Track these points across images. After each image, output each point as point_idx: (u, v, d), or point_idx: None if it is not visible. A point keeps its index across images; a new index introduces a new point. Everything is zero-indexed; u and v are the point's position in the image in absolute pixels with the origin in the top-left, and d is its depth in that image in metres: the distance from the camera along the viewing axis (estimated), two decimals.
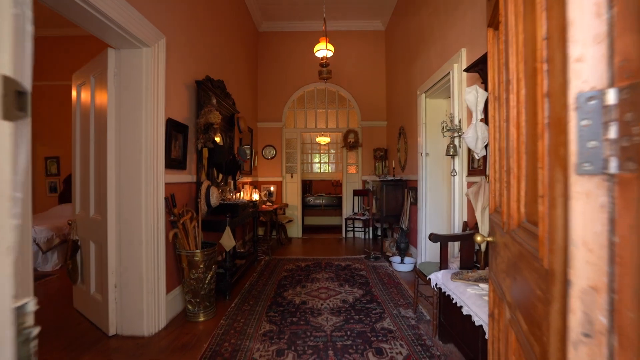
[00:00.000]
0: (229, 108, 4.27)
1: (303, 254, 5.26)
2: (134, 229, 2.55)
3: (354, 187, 6.72)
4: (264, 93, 6.75)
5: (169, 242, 2.81)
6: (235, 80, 5.08)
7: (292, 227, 6.64)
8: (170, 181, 2.86)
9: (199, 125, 3.12)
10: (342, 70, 6.68)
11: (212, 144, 3.35)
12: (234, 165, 4.30)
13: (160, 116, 2.66)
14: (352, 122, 6.85)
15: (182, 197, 3.13)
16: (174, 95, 2.98)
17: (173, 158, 2.90)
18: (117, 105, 2.55)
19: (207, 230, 3.31)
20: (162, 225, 2.68)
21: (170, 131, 2.83)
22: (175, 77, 3.01)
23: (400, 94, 5.44)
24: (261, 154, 6.69)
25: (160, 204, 2.66)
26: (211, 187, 3.25)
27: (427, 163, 4.01)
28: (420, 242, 4.09)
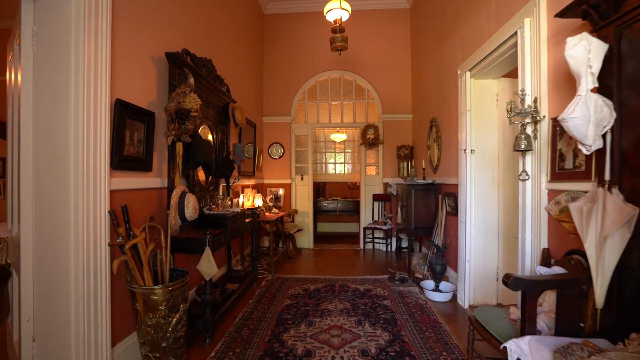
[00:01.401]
0: (220, 95, 3.47)
1: (313, 271, 4.39)
2: (58, 257, 1.76)
3: (374, 191, 5.81)
4: (271, 83, 5.94)
5: (119, 274, 2.01)
6: (233, 64, 4.28)
7: (303, 236, 5.80)
8: (122, 187, 2.07)
9: (168, 111, 2.32)
10: (360, 55, 5.79)
11: (189, 137, 2.55)
12: (227, 165, 3.49)
13: (103, 96, 1.86)
14: (371, 115, 5.95)
15: (144, 208, 2.34)
16: (131, 70, 2.19)
17: (127, 156, 2.11)
18: (35, 80, 1.78)
19: (183, 251, 2.51)
20: (105, 250, 1.89)
21: (122, 119, 2.03)
22: (134, 45, 2.22)
23: (432, 78, 4.49)
24: (267, 152, 5.88)
25: (101, 219, 1.87)
26: (187, 195, 2.45)
27: (472, 162, 3.07)
28: (462, 264, 3.15)
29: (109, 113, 1.91)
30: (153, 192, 2.43)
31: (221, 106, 3.57)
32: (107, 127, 1.89)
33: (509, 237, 3.02)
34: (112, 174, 1.98)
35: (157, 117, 2.44)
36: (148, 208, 2.37)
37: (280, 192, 5.81)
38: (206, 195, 3.21)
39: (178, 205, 2.41)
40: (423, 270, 3.92)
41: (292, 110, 5.90)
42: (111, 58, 1.94)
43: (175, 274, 2.33)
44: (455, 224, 3.54)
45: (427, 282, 3.53)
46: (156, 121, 2.43)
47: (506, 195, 3.04)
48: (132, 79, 2.20)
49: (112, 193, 1.97)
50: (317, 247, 5.90)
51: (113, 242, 1.77)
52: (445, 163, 3.95)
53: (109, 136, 1.91)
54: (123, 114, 2.03)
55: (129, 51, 2.16)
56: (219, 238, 2.64)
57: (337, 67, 5.86)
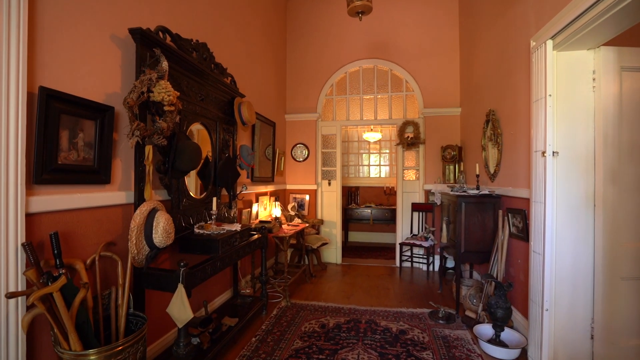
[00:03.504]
0: (221, 87, 2.89)
1: (337, 296, 3.68)
2: None
3: (413, 199, 4.94)
4: (295, 77, 5.31)
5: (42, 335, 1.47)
6: (244, 54, 3.70)
7: (330, 249, 5.10)
8: (56, 207, 1.53)
9: (128, 104, 1.75)
10: (397, 41, 4.95)
11: (164, 139, 1.98)
12: (229, 171, 2.90)
13: (11, 82, 1.32)
14: (410, 110, 5.08)
15: (100, 232, 1.79)
16: (78, 52, 1.64)
17: (65, 165, 1.57)
18: None
19: (153, 287, 1.94)
20: (14, 305, 1.35)
21: (53, 115, 1.49)
22: (81, 15, 1.67)
23: (488, 60, 3.56)
24: (290, 154, 5.27)
25: (9, 256, 1.32)
26: (157, 214, 1.87)
27: (554, 169, 2.15)
28: (536, 311, 2.25)
29: (25, 107, 1.37)
30: (114, 211, 1.88)
31: (224, 101, 3.00)
32: (20, 127, 1.35)
33: (613, 279, 2.07)
34: (35, 190, 1.44)
35: (121, 112, 1.89)
36: (106, 232, 1.83)
37: (306, 198, 5.17)
38: (201, 208, 2.65)
39: (144, 227, 1.84)
40: (476, 306, 3.03)
41: (318, 107, 5.23)
42: (29, 31, 1.40)
43: (136, 321, 1.76)
44: (523, 251, 2.62)
45: (482, 327, 2.65)
46: (119, 118, 1.88)
47: (609, 218, 2.09)
48: (80, 64, 1.66)
49: (35, 217, 1.43)
50: (346, 263, 5.16)
51: (14, 293, 1.22)
52: (507, 169, 3.02)
53: (24, 140, 1.36)
54: (54, 108, 1.49)
55: (73, 26, 1.62)
56: (202, 269, 2.03)
57: (370, 56, 5.07)
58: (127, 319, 1.75)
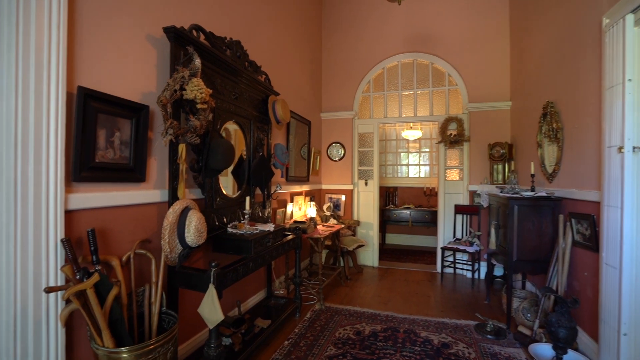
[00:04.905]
0: (255, 86, 2.86)
1: (373, 302, 3.51)
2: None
3: (456, 201, 4.61)
4: (331, 74, 5.21)
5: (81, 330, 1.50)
6: (279, 52, 3.66)
7: (366, 251, 4.93)
8: (93, 205, 1.55)
9: (162, 103, 1.75)
10: (439, 32, 4.65)
11: (197, 137, 1.96)
12: (263, 170, 2.87)
13: (52, 82, 1.35)
14: (453, 106, 4.75)
15: (136, 230, 1.81)
16: (116, 53, 1.67)
17: (103, 163, 1.59)
18: None
19: (185, 286, 1.93)
20: (54, 300, 1.38)
21: (91, 114, 1.51)
22: (119, 16, 1.70)
23: (546, 46, 3.19)
24: (326, 153, 5.17)
25: (49, 252, 1.35)
26: (190, 212, 1.86)
27: (635, 168, 1.83)
28: (608, 333, 1.93)
29: (65, 106, 1.40)
30: (149, 209, 1.90)
31: (258, 99, 2.97)
32: (60, 126, 1.38)
33: None
34: (74, 188, 1.47)
35: (156, 111, 1.90)
36: (141, 229, 1.84)
37: (342, 198, 5.05)
38: (235, 208, 2.63)
39: (177, 225, 1.84)
40: (531, 321, 2.71)
41: (354, 104, 5.08)
42: (70, 31, 1.43)
43: (169, 319, 1.76)
44: (591, 263, 2.28)
45: (540, 346, 2.35)
46: (154, 117, 1.89)
47: None
48: (117, 64, 1.68)
49: (73, 214, 1.46)
50: (383, 266, 4.95)
51: (52, 288, 1.24)
52: (570, 167, 2.66)
53: (63, 138, 1.39)
54: (92, 107, 1.51)
55: (110, 27, 1.65)
56: (234, 270, 1.99)
57: (409, 49, 4.82)
58: (160, 317, 1.75)
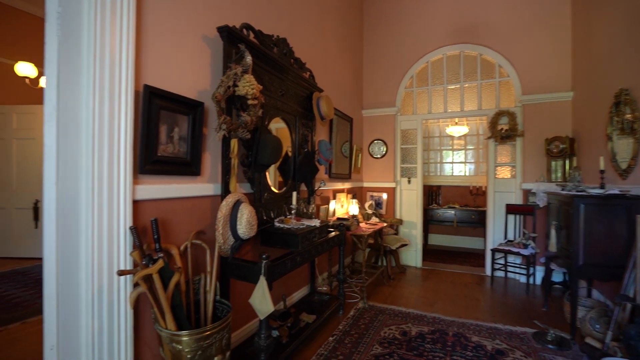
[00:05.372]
0: (300, 82, 2.90)
1: (418, 303, 3.39)
2: (69, 283, 1.43)
3: (507, 200, 4.32)
4: (372, 70, 5.13)
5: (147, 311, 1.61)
6: (321, 48, 3.68)
7: (409, 250, 4.79)
8: (156, 196, 1.66)
9: (216, 99, 1.82)
10: (488, 20, 4.39)
11: (248, 132, 2.02)
12: (308, 166, 2.89)
13: (123, 81, 1.46)
14: (504, 99, 4.46)
15: (191, 221, 1.90)
16: (174, 53, 1.77)
17: (164, 157, 1.69)
18: (59, 70, 1.49)
19: (236, 277, 1.99)
20: (123, 278, 1.49)
21: (154, 110, 1.62)
22: (180, 22, 1.80)
23: (618, 27, 2.87)
24: (367, 151, 5.10)
25: (119, 238, 1.47)
26: (241, 205, 1.92)
27: None
28: None
29: (133, 104, 1.50)
30: (203, 201, 1.99)
31: (303, 96, 3.00)
32: (128, 122, 1.49)
33: None
34: (139, 180, 1.58)
35: (210, 108, 1.99)
36: (196, 221, 1.94)
37: (383, 197, 4.95)
38: (281, 203, 2.68)
39: (230, 218, 1.90)
40: (600, 333, 2.45)
41: (397, 100, 4.96)
42: (137, 34, 1.54)
43: (222, 308, 1.83)
44: None
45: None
46: (208, 113, 1.98)
47: None
48: (175, 63, 1.78)
49: (139, 204, 1.57)
50: (427, 267, 4.78)
51: (123, 271, 1.34)
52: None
53: (131, 133, 1.50)
54: (155, 104, 1.62)
55: (170, 28, 1.75)
56: (282, 263, 2.03)
57: (455, 41, 4.60)
58: (214, 306, 1.82)
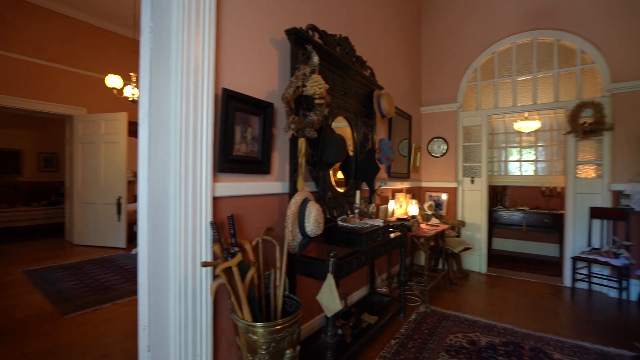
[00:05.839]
0: (361, 80, 2.87)
1: (485, 311, 3.16)
2: (161, 272, 1.57)
3: (591, 202, 3.83)
4: (432, 65, 4.91)
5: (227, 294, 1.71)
6: (380, 44, 3.61)
7: (472, 255, 4.50)
8: (230, 193, 1.75)
9: (286, 100, 1.88)
10: (569, 1, 3.93)
11: (314, 131, 2.05)
12: (370, 165, 2.86)
13: (204, 86, 1.57)
14: (587, 88, 3.96)
15: (261, 218, 1.98)
16: (245, 56, 1.86)
17: (238, 156, 1.79)
18: (150, 79, 1.65)
19: (303, 273, 2.03)
20: (204, 269, 1.60)
21: (230, 112, 1.71)
22: (250, 27, 1.89)
23: None
24: (426, 149, 4.90)
25: (201, 232, 1.58)
26: (309, 204, 1.96)
27: None
28: None
29: (213, 106, 1.61)
30: (272, 199, 2.06)
31: (364, 94, 2.97)
32: (209, 123, 1.59)
33: None
34: (217, 178, 1.68)
35: (278, 109, 2.05)
36: (266, 218, 2.02)
37: (442, 197, 4.72)
38: (343, 202, 2.68)
39: (298, 216, 1.95)
40: None
41: (458, 96, 4.68)
42: (216, 42, 1.64)
43: (291, 303, 1.87)
44: None
45: None
46: (276, 114, 2.05)
47: None
48: (246, 66, 1.87)
49: (217, 201, 1.68)
50: (492, 273, 4.44)
51: (206, 263, 1.44)
52: None
53: (212, 133, 1.61)
54: (231, 106, 1.71)
55: (241, 33, 1.84)
56: (348, 261, 2.03)
57: (526, 27, 4.21)
58: (283, 300, 1.88)
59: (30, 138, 7.69)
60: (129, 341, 2.50)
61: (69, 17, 5.54)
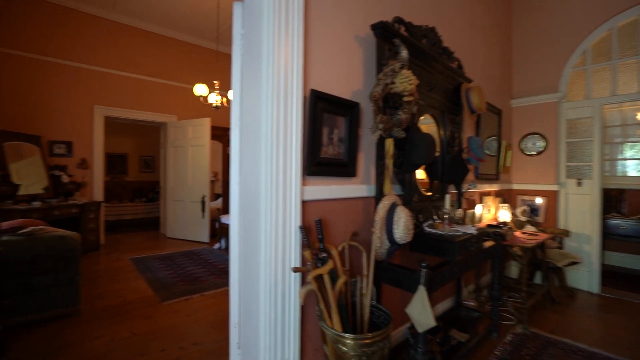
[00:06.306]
0: (448, 74, 2.61)
1: (606, 342, 2.63)
2: (251, 273, 1.59)
3: None
4: (525, 50, 4.31)
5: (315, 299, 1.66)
6: (466, 32, 3.26)
7: (579, 271, 3.83)
8: (317, 197, 1.70)
9: (374, 98, 1.76)
10: None
11: (402, 131, 1.90)
12: (459, 166, 2.59)
13: (294, 88, 1.54)
14: None
15: (346, 222, 1.90)
16: (330, 55, 1.80)
17: (325, 158, 1.73)
18: (242, 84, 1.68)
19: (389, 282, 1.90)
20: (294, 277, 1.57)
21: (318, 113, 1.66)
22: (334, 24, 1.81)
23: None
24: (518, 147, 4.33)
25: (291, 237, 1.55)
26: (397, 208, 1.81)
27: None
28: None
29: (302, 108, 1.57)
30: (357, 202, 1.96)
31: (450, 89, 2.70)
32: (298, 125, 1.56)
33: None
34: (306, 181, 1.65)
35: (363, 108, 1.95)
36: (350, 222, 1.93)
37: (537, 201, 4.12)
38: (428, 206, 2.47)
39: (385, 221, 1.82)
40: None
41: (560, 84, 4.03)
42: (304, 42, 1.60)
43: (378, 313, 1.76)
44: None
45: None
46: (362, 114, 1.94)
47: None
48: (331, 65, 1.80)
49: (305, 204, 1.64)
50: (608, 294, 3.71)
51: (297, 268, 1.40)
52: None
53: (301, 135, 1.57)
54: (319, 107, 1.66)
55: (326, 32, 1.78)
56: (440, 273, 1.83)
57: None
58: (370, 310, 1.77)
59: (133, 143, 8.91)
60: (216, 332, 2.65)
61: (162, 35, 6.23)
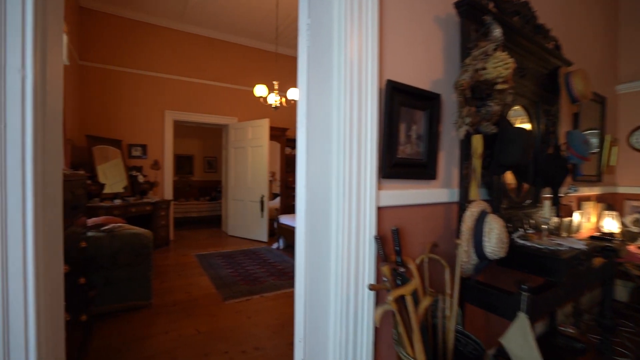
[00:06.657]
0: (543, 56, 2.20)
1: None
2: (320, 288, 1.43)
3: None
4: (634, 25, 3.57)
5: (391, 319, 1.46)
6: (564, 5, 2.75)
7: None
8: (394, 203, 1.49)
9: (460, 88, 1.49)
10: None
11: (493, 126, 1.60)
12: (557, 167, 2.17)
13: (368, 79, 1.35)
14: None
15: (424, 231, 1.66)
16: (406, 41, 1.56)
17: (402, 159, 1.51)
18: (308, 74, 1.54)
19: (476, 303, 1.61)
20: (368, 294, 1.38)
21: (395, 107, 1.45)
22: (410, 5, 1.58)
23: None
24: (627, 142, 3.60)
25: (365, 248, 1.36)
26: (488, 217, 1.52)
27: None
28: None
29: (377, 102, 1.37)
30: (437, 209, 1.71)
31: (544, 74, 2.28)
32: (373, 122, 1.36)
33: None
34: (381, 184, 1.44)
35: (444, 100, 1.69)
36: (430, 231, 1.68)
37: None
38: (518, 213, 2.10)
39: (474, 232, 1.54)
40: None
41: None
42: (379, 27, 1.40)
43: (465, 341, 1.49)
44: None
45: None
46: (442, 107, 1.68)
47: None
48: (408, 52, 1.57)
49: (380, 211, 1.44)
50: None
51: (375, 286, 1.21)
52: None
53: (376, 133, 1.37)
54: (396, 100, 1.44)
55: (403, 14, 1.55)
56: (544, 298, 1.49)
57: None
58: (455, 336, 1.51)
59: (198, 145, 9.49)
60: (277, 337, 2.58)
61: (224, 40, 6.47)
